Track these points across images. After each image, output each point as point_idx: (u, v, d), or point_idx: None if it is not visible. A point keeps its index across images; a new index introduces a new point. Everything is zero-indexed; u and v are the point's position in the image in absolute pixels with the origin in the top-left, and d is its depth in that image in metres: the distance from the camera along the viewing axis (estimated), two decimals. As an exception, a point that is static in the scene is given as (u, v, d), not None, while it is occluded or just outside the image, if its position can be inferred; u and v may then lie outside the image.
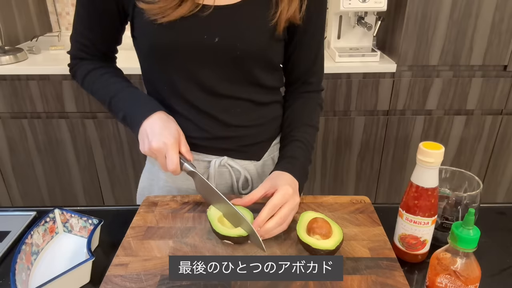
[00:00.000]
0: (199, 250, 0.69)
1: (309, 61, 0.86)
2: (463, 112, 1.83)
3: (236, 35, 0.74)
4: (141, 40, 0.77)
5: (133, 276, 0.63)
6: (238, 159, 0.87)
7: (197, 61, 0.76)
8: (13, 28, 2.01)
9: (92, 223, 0.73)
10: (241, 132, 0.84)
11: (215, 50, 0.74)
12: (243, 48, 0.75)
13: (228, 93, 0.80)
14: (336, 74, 1.72)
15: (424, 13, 1.64)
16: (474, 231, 0.53)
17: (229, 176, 0.88)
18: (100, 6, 0.75)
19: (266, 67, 0.81)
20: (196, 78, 0.77)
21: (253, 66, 0.78)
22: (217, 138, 0.84)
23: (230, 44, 0.74)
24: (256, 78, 0.80)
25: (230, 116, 0.82)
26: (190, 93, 0.79)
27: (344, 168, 1.94)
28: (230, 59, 0.75)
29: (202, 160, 0.86)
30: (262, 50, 0.77)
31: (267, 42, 0.76)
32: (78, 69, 0.84)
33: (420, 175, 0.64)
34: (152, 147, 0.72)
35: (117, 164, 1.91)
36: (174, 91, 0.80)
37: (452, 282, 0.56)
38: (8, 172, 1.93)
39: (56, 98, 1.75)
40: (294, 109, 0.88)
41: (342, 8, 1.65)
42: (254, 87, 0.81)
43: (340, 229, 0.68)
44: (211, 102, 0.80)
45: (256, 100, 0.83)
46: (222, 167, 0.86)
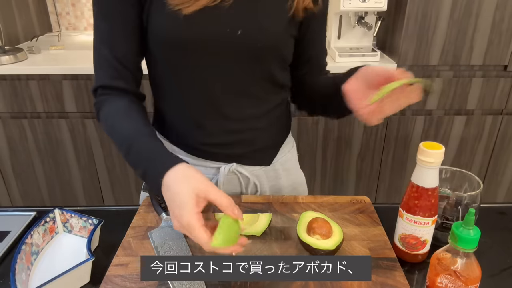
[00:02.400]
0: (199, 250, 0.69)
1: (320, 50, 0.87)
2: (463, 112, 1.83)
3: (258, 28, 0.72)
4: (158, 32, 0.71)
5: (133, 276, 0.63)
6: (247, 165, 0.86)
7: (215, 55, 0.72)
8: (13, 28, 2.01)
9: (92, 223, 0.73)
10: (251, 135, 0.83)
11: (237, 43, 0.71)
12: (264, 40, 0.73)
13: (243, 88, 0.78)
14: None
15: (424, 13, 1.64)
16: (474, 231, 0.53)
17: (238, 183, 0.87)
18: (123, 10, 0.70)
19: (281, 63, 0.80)
20: (210, 78, 0.75)
21: (271, 60, 0.76)
22: (227, 144, 0.82)
23: (253, 37, 0.72)
24: (271, 74, 0.78)
25: (240, 119, 0.80)
26: (202, 95, 0.77)
27: (344, 168, 1.94)
28: (251, 52, 0.73)
29: (211, 167, 0.85)
30: (281, 43, 0.76)
31: (285, 35, 0.76)
32: (103, 106, 0.74)
33: (420, 175, 0.63)
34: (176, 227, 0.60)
35: (117, 164, 1.90)
36: (184, 94, 0.77)
37: (452, 282, 0.56)
38: (8, 172, 1.93)
39: (56, 98, 1.75)
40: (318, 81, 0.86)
41: (342, 8, 1.65)
42: (267, 83, 0.79)
43: (340, 229, 0.68)
44: (225, 107, 0.78)
45: (267, 98, 0.82)
46: (231, 173, 0.85)
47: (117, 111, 0.72)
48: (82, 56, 1.84)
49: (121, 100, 0.73)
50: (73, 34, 2.25)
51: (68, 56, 1.85)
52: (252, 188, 0.88)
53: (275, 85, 0.81)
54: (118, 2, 0.69)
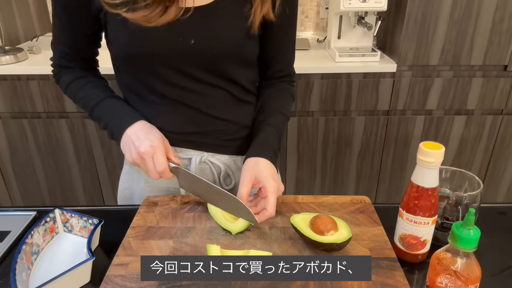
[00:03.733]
0: (199, 250, 0.69)
1: (283, 53, 0.88)
2: (463, 112, 1.83)
3: (211, 36, 0.75)
4: (114, 45, 0.77)
5: (133, 276, 0.63)
6: (219, 153, 0.88)
7: (174, 62, 0.76)
8: (13, 28, 2.01)
9: (92, 223, 0.73)
10: (223, 126, 0.85)
11: (191, 52, 0.75)
12: (219, 48, 0.76)
13: (208, 86, 0.80)
14: (336, 74, 1.72)
15: (424, 13, 1.64)
16: (474, 231, 0.53)
17: (210, 172, 0.89)
18: (74, 14, 0.76)
19: (243, 64, 0.82)
20: (175, 76, 0.78)
21: (229, 64, 0.79)
22: (199, 133, 0.85)
23: (206, 46, 0.75)
24: (233, 75, 0.81)
25: (211, 109, 0.83)
26: (169, 91, 0.80)
27: (344, 168, 1.94)
28: (207, 58, 0.76)
29: (183, 158, 0.87)
30: (238, 48, 0.78)
31: (243, 40, 0.77)
32: (60, 78, 0.85)
33: (420, 175, 0.64)
34: (140, 151, 0.73)
35: (117, 164, 1.91)
36: (152, 90, 0.80)
37: (452, 282, 0.56)
38: (9, 172, 1.93)
39: (56, 98, 1.75)
40: (268, 97, 0.89)
41: (342, 8, 1.65)
42: (231, 83, 0.82)
43: (340, 220, 0.70)
44: (192, 96, 0.80)
45: (235, 95, 0.84)
46: (203, 163, 0.87)
47: (75, 79, 0.83)
48: (82, 56, 1.84)
49: (75, 73, 0.84)
50: (73, 34, 2.25)
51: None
52: (225, 177, 0.90)
53: (239, 84, 0.83)
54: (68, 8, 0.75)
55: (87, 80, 0.84)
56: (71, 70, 0.84)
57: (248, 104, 0.89)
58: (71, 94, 0.85)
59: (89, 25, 0.77)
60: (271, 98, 0.89)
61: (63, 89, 0.86)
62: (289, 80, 0.92)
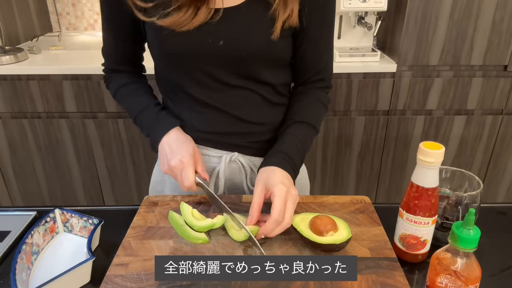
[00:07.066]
0: (199, 250, 0.69)
1: (316, 58, 0.85)
2: (463, 112, 1.83)
3: (239, 37, 0.75)
4: (151, 46, 0.81)
5: (133, 276, 0.63)
6: (248, 155, 0.89)
7: (202, 63, 0.78)
8: (13, 28, 2.01)
9: (93, 223, 0.73)
10: (252, 128, 0.86)
11: (220, 53, 0.76)
12: (247, 49, 0.76)
13: (238, 87, 0.81)
14: (336, 74, 1.72)
15: (424, 13, 1.64)
16: (474, 231, 0.54)
17: (239, 172, 0.89)
18: (116, 19, 0.80)
19: (272, 65, 0.81)
20: (206, 78, 0.80)
21: (258, 65, 0.79)
22: (228, 134, 0.85)
23: (234, 46, 0.76)
24: (262, 77, 0.81)
25: (241, 111, 0.83)
26: (201, 92, 0.81)
27: (344, 168, 1.94)
28: (236, 59, 0.77)
29: (213, 156, 0.88)
30: (266, 50, 0.77)
31: (271, 42, 0.76)
32: (111, 82, 0.90)
33: (420, 175, 0.64)
34: (171, 165, 0.78)
35: (117, 164, 1.91)
36: (183, 90, 0.82)
37: (452, 282, 0.56)
38: (9, 172, 1.93)
39: (57, 98, 1.75)
40: (300, 105, 0.87)
41: (342, 8, 1.65)
42: (261, 85, 0.82)
43: (341, 221, 0.70)
44: (223, 97, 0.82)
45: (265, 96, 0.84)
46: (233, 162, 0.88)
47: (125, 84, 0.88)
48: (83, 56, 1.84)
49: (125, 78, 0.89)
50: (74, 34, 2.25)
51: (69, 56, 1.85)
52: (253, 179, 0.90)
53: (269, 85, 0.83)
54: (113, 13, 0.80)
55: (134, 87, 0.88)
56: (120, 74, 0.89)
57: (279, 106, 0.88)
58: (119, 101, 0.89)
59: (130, 30, 0.81)
60: (299, 106, 0.87)
61: (112, 95, 0.90)
62: (323, 86, 0.89)
